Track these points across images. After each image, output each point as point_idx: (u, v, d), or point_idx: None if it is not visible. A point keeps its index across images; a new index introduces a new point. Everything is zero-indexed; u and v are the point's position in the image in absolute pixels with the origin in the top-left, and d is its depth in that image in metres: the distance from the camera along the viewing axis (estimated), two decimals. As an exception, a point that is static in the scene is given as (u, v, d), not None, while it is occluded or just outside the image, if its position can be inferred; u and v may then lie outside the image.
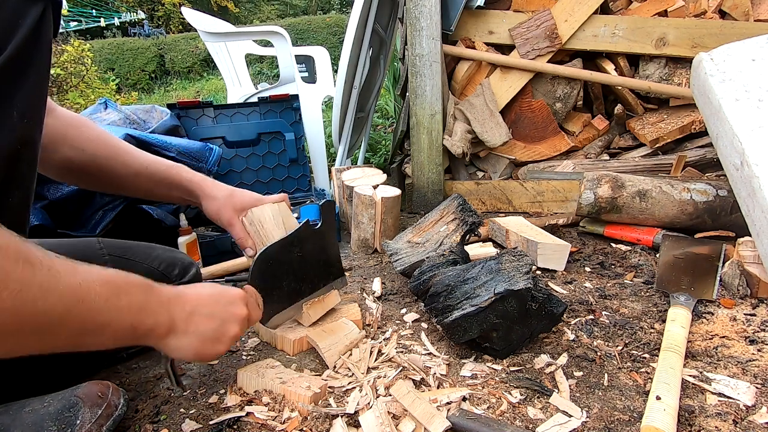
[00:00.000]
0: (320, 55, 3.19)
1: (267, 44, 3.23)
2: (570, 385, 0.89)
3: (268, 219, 1.08)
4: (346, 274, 1.25)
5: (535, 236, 1.49)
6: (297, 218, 1.89)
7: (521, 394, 0.88)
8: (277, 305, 1.03)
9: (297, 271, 1.08)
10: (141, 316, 0.68)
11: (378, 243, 1.67)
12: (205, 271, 1.56)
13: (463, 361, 0.99)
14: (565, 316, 1.15)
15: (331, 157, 3.00)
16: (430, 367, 0.96)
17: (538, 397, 0.87)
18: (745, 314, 1.12)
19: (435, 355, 1.01)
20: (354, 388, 0.90)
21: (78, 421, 0.75)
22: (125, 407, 0.82)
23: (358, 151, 2.97)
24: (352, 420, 0.82)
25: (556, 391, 0.88)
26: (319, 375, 0.96)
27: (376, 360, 1.00)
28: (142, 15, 13.39)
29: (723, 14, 2.01)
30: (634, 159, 2.05)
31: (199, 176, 1.09)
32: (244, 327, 0.83)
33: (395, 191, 1.67)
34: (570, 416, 0.81)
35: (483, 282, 0.99)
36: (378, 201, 1.61)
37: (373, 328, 1.14)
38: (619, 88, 2.05)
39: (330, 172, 2.31)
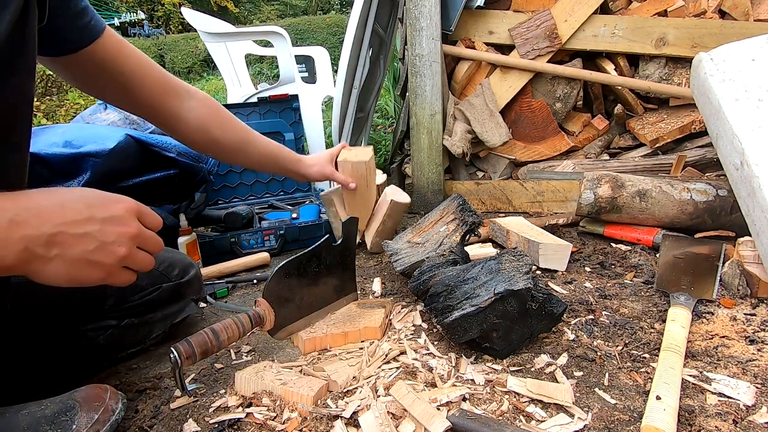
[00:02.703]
0: (320, 55, 3.19)
1: (267, 44, 3.23)
2: (570, 385, 0.89)
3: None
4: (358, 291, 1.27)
5: (536, 236, 1.49)
6: (295, 217, 1.91)
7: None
8: (287, 318, 1.04)
9: (312, 286, 1.09)
10: None
11: (370, 241, 1.65)
12: (205, 271, 1.55)
13: (463, 361, 0.99)
14: (565, 316, 1.15)
15: (331, 157, 3.00)
16: (430, 368, 0.96)
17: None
18: (745, 314, 1.12)
19: (435, 355, 1.01)
20: (354, 388, 0.90)
21: (74, 426, 0.74)
22: (123, 411, 0.82)
23: (358, 151, 2.96)
24: (352, 420, 0.82)
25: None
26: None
27: (376, 361, 1.00)
28: (141, 15, 13.38)
29: (723, 14, 2.01)
30: (634, 159, 2.05)
31: (297, 155, 1.35)
32: (135, 245, 0.68)
33: (405, 198, 1.64)
34: (572, 416, 0.81)
35: (483, 282, 0.99)
36: (387, 201, 1.60)
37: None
38: (619, 88, 2.05)
39: (330, 172, 2.31)
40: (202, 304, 1.39)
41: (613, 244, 1.60)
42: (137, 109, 1.01)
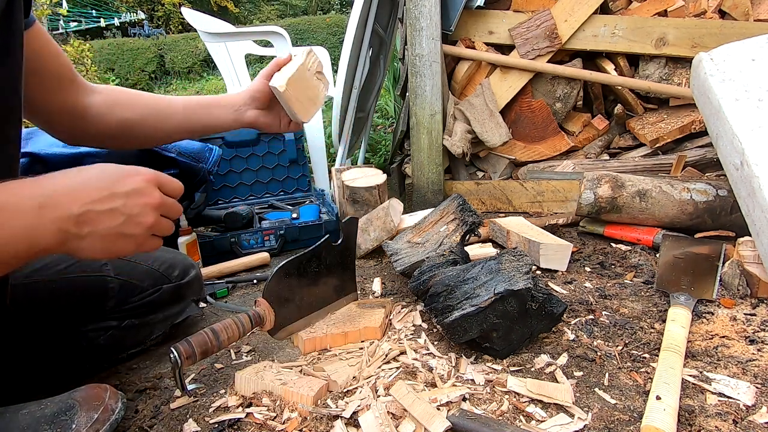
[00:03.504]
0: (320, 55, 3.18)
1: (267, 44, 3.23)
2: (570, 385, 0.89)
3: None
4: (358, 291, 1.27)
5: (536, 237, 1.49)
6: (295, 217, 1.91)
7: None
8: (287, 318, 1.04)
9: (312, 286, 1.09)
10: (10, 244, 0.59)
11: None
12: (205, 271, 1.55)
13: (463, 361, 0.99)
14: (565, 316, 1.15)
15: (331, 157, 3.00)
16: (430, 368, 0.96)
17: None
18: (745, 314, 1.12)
19: (435, 355, 1.01)
20: (354, 388, 0.90)
21: (74, 425, 0.74)
22: (123, 411, 0.82)
23: (358, 151, 2.97)
24: (352, 420, 0.82)
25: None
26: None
27: (376, 361, 1.00)
28: (142, 15, 13.37)
29: (723, 14, 2.01)
30: (634, 159, 2.05)
31: (212, 98, 1.13)
32: (159, 213, 0.71)
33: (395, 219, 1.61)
34: (572, 416, 0.81)
35: (483, 282, 0.99)
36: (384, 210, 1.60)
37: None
38: (619, 88, 2.05)
39: (330, 172, 2.31)
40: (202, 305, 1.40)
41: (613, 244, 1.60)
42: (40, 106, 0.92)
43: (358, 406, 0.84)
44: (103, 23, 12.85)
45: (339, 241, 1.14)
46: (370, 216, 1.67)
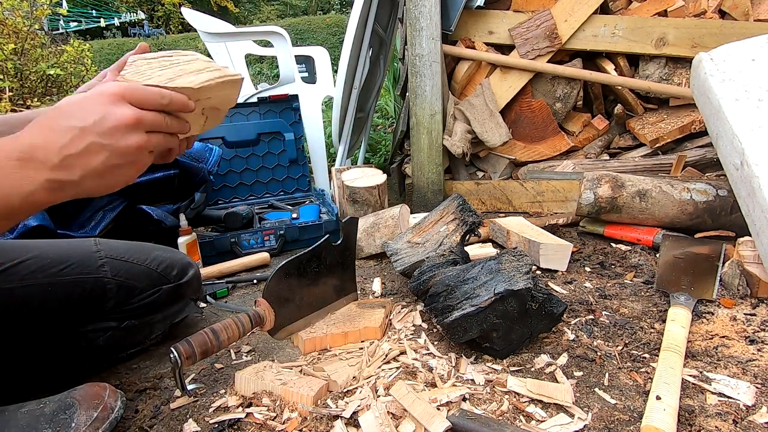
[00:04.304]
0: (320, 55, 3.19)
1: (267, 44, 3.23)
2: (570, 385, 0.89)
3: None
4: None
5: (536, 237, 1.49)
6: (295, 217, 1.91)
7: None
8: (287, 318, 1.04)
9: (312, 286, 1.09)
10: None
11: None
12: (205, 271, 1.55)
13: (463, 361, 0.99)
14: (565, 316, 1.15)
15: (331, 157, 3.00)
16: (430, 368, 0.96)
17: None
18: (745, 314, 1.12)
19: (435, 355, 1.01)
20: (354, 388, 0.90)
21: (73, 424, 0.74)
22: (123, 410, 0.82)
23: (358, 151, 2.97)
24: (352, 420, 0.82)
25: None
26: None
27: (376, 361, 1.00)
28: (141, 15, 13.38)
29: (723, 14, 2.01)
30: (634, 159, 2.05)
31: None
32: (143, 129, 0.63)
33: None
34: (572, 416, 0.81)
35: (483, 282, 0.99)
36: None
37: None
38: (619, 88, 2.05)
39: (330, 172, 2.31)
40: (202, 304, 1.39)
41: (613, 244, 1.60)
42: None
43: (358, 406, 0.84)
44: (103, 23, 12.85)
45: (339, 241, 1.14)
46: (378, 220, 1.66)
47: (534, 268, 1.29)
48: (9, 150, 0.59)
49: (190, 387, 0.88)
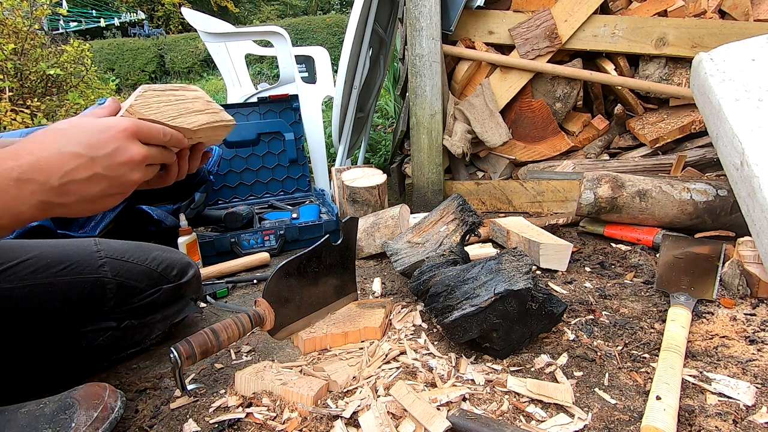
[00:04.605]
0: (320, 55, 3.19)
1: (267, 44, 3.23)
2: (570, 385, 0.89)
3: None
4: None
5: (536, 237, 1.49)
6: (295, 217, 1.91)
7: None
8: (287, 318, 1.04)
9: (312, 286, 1.09)
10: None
11: None
12: (205, 271, 1.55)
13: (463, 361, 0.99)
14: (565, 316, 1.15)
15: (331, 157, 3.00)
16: (430, 368, 0.96)
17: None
18: (745, 314, 1.12)
19: (435, 355, 1.01)
20: (354, 388, 0.90)
21: (73, 424, 0.74)
22: (122, 410, 0.82)
23: (358, 151, 2.97)
24: (352, 420, 0.82)
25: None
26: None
27: (376, 361, 1.00)
28: (141, 15, 13.39)
29: (723, 14, 2.01)
30: (634, 159, 2.05)
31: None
32: (145, 164, 0.66)
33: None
34: (572, 416, 0.81)
35: (483, 282, 0.99)
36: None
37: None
38: (619, 88, 2.05)
39: (330, 172, 2.31)
40: (202, 304, 1.39)
41: (613, 244, 1.60)
42: None
43: (358, 406, 0.84)
44: (103, 23, 12.86)
45: (339, 241, 1.14)
46: (378, 220, 1.66)
47: (534, 268, 1.29)
48: (9, 168, 0.58)
49: (190, 387, 0.88)
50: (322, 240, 1.09)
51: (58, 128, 0.63)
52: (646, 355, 0.98)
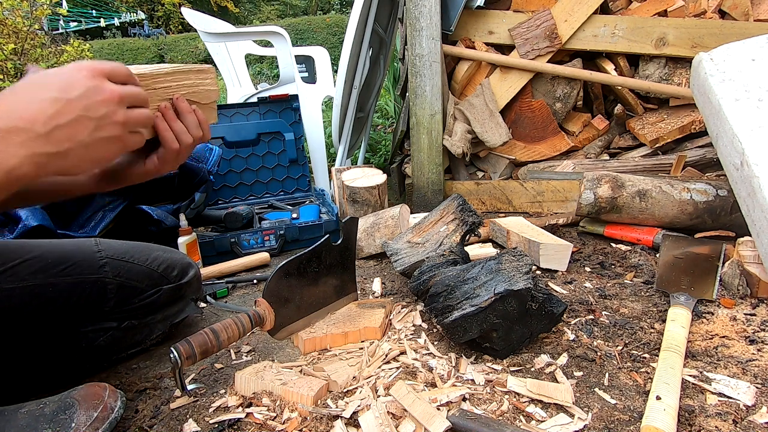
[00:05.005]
0: (320, 55, 3.19)
1: (267, 44, 3.23)
2: (570, 385, 0.89)
3: None
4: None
5: (536, 237, 1.49)
6: (295, 217, 1.91)
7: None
8: (287, 318, 1.04)
9: (312, 286, 1.09)
10: None
11: None
12: (205, 271, 1.55)
13: (463, 361, 0.99)
14: (565, 316, 1.15)
15: (331, 157, 3.00)
16: (430, 368, 0.96)
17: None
18: (745, 314, 1.12)
19: (435, 355, 1.01)
20: (354, 388, 0.90)
21: (73, 424, 0.74)
22: (122, 410, 0.82)
23: (358, 151, 2.97)
24: (352, 420, 0.82)
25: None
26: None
27: (376, 361, 1.00)
28: (141, 15, 13.39)
29: (723, 14, 2.01)
30: (634, 159, 2.05)
31: None
32: (125, 105, 0.64)
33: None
34: (572, 416, 0.81)
35: (483, 282, 0.99)
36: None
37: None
38: (619, 88, 2.05)
39: (330, 172, 2.31)
40: (202, 304, 1.39)
41: (613, 244, 1.60)
42: None
43: (358, 406, 0.84)
44: (103, 23, 12.86)
45: (339, 241, 1.14)
46: (378, 220, 1.66)
47: (534, 268, 1.29)
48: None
49: (190, 387, 0.88)
50: (322, 240, 1.09)
51: (27, 81, 0.61)
52: (646, 355, 0.98)
